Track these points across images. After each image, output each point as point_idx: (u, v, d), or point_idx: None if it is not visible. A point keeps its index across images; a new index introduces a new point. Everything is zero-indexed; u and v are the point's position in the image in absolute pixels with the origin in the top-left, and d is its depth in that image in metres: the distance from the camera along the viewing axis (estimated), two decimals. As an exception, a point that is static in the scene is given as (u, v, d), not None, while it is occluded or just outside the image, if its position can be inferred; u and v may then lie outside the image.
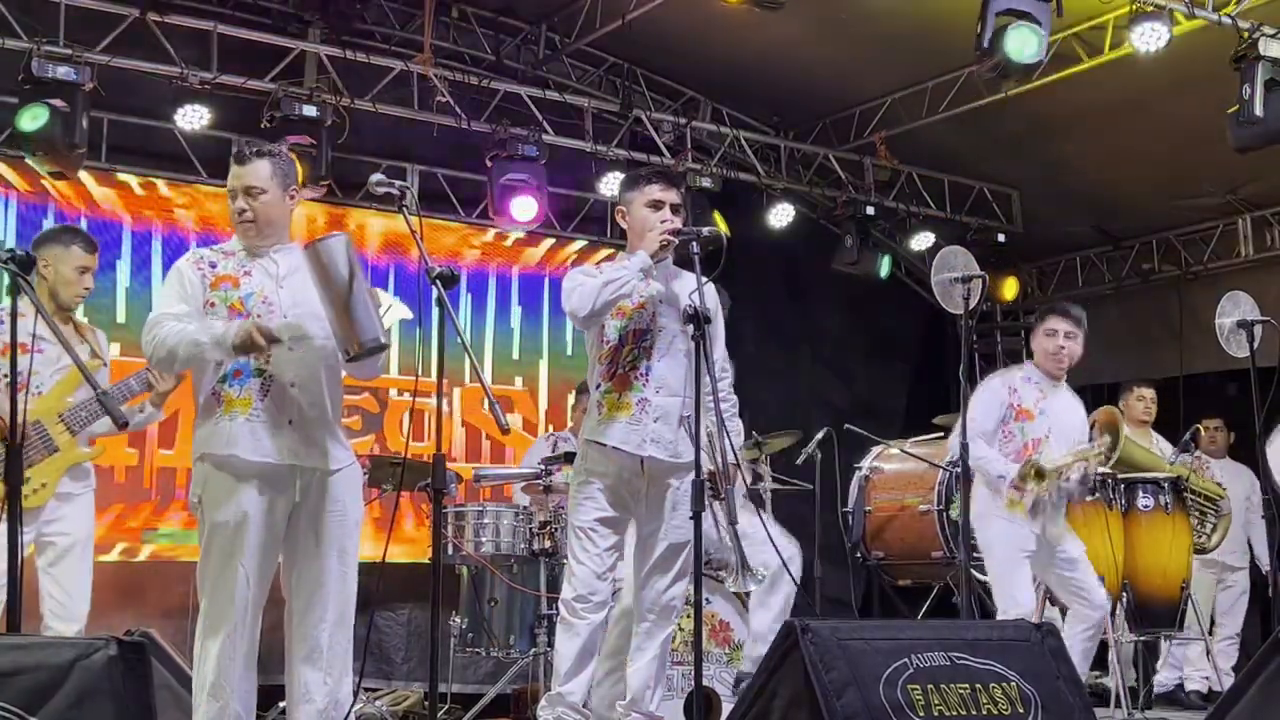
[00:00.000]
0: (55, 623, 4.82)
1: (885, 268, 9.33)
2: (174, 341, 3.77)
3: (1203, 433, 7.55)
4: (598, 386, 4.53)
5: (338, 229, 8.17)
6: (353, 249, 3.79)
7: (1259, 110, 6.76)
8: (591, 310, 4.34)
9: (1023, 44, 6.48)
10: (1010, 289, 9.77)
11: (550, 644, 5.31)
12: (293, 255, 3.99)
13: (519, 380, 8.72)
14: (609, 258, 4.72)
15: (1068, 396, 5.71)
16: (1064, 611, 6.46)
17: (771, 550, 4.97)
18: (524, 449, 7.90)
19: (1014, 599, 5.41)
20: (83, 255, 5.00)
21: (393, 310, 8.21)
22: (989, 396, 5.61)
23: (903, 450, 6.38)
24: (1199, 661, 7.32)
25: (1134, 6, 6.81)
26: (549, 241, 8.91)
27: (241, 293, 3.89)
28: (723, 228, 8.18)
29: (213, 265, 3.94)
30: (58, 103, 6.60)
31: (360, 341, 3.75)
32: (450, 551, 6.08)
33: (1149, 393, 7.27)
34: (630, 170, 6.27)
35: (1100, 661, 7.31)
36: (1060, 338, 5.59)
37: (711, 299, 4.51)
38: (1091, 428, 6.53)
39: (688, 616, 4.93)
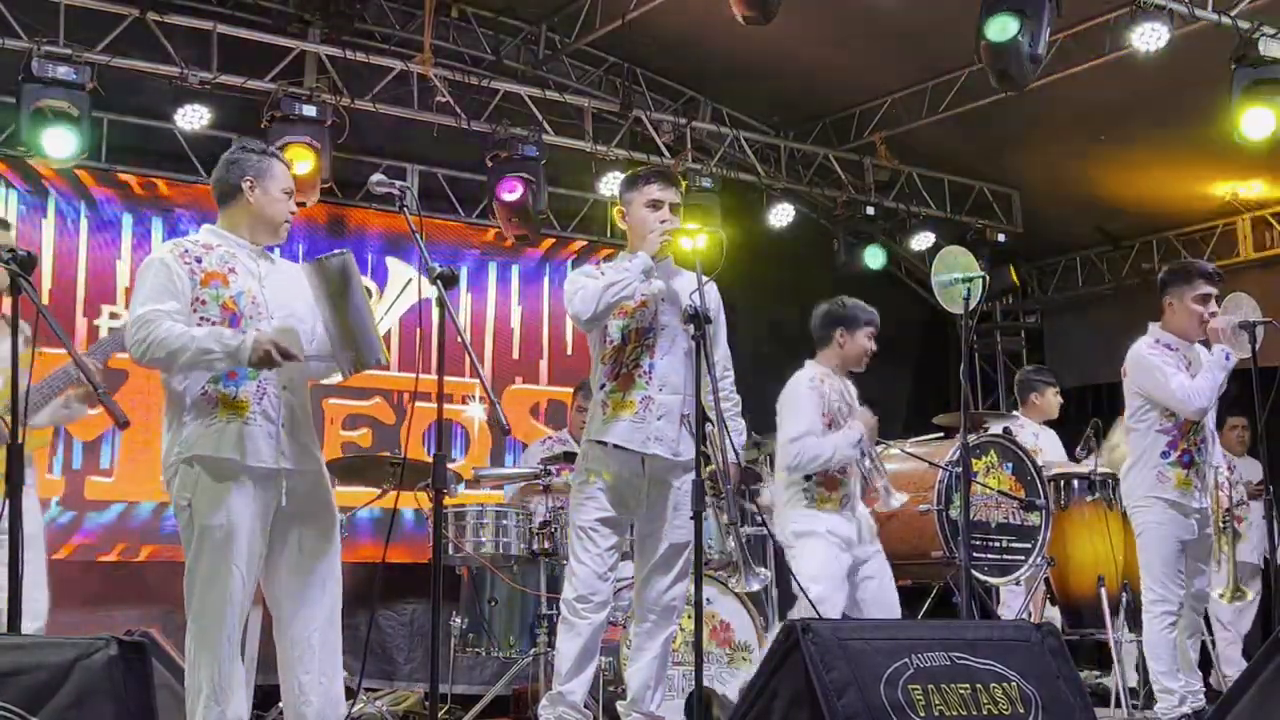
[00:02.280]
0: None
1: (877, 259, 9.27)
2: (176, 344, 3.67)
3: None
4: (602, 387, 4.52)
5: (338, 229, 8.17)
6: (355, 265, 3.78)
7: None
8: (594, 313, 4.35)
9: (1003, 27, 6.43)
10: (1013, 277, 9.78)
11: (550, 644, 5.31)
12: (269, 255, 4.01)
13: (519, 379, 8.71)
14: (609, 256, 4.71)
15: (1207, 356, 5.48)
16: (1064, 611, 6.46)
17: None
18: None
19: (1166, 589, 5.22)
20: None
21: (410, 287, 8.16)
22: (1165, 363, 5.34)
23: (903, 450, 6.36)
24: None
25: (1134, 6, 6.82)
26: (549, 241, 8.91)
27: (232, 291, 3.83)
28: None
29: (198, 260, 3.84)
30: (63, 105, 6.57)
31: (361, 362, 3.77)
32: (450, 551, 6.07)
33: None
34: (630, 170, 6.26)
35: (1100, 661, 7.31)
36: (1213, 303, 5.40)
37: (713, 298, 4.52)
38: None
39: (688, 617, 4.92)
